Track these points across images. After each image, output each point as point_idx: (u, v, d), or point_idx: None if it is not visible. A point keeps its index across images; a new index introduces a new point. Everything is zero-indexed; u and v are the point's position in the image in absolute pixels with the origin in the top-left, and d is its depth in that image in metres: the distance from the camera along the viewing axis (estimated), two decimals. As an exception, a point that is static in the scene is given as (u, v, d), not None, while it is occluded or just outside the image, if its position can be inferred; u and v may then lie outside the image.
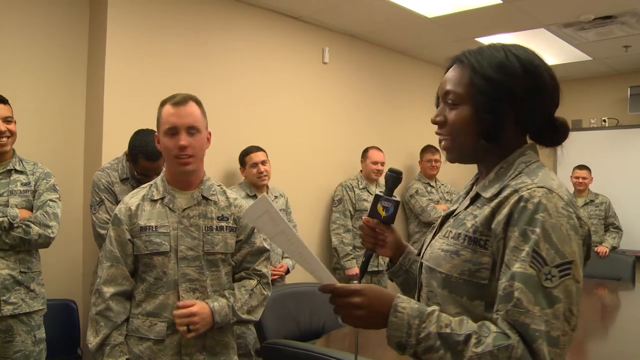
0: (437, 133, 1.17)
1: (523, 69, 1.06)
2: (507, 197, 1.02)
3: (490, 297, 1.00)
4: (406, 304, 1.00)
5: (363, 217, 1.35)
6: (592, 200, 4.98)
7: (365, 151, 4.35)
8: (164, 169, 1.92)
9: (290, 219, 3.67)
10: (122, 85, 3.12)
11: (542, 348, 0.90)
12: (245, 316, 1.86)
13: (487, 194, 1.07)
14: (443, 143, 1.15)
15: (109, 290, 1.75)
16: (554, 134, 1.11)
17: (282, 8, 3.93)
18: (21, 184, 2.44)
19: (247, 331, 3.19)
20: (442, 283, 1.08)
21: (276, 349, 2.02)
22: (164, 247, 1.78)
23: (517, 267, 0.95)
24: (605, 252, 4.69)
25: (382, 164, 4.27)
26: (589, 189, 5.02)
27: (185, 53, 3.44)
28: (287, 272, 3.53)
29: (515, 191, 1.01)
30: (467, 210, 1.11)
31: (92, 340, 1.73)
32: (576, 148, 5.82)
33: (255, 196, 3.46)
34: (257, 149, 3.50)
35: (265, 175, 3.45)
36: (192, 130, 1.78)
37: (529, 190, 0.99)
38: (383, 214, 1.31)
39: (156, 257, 1.77)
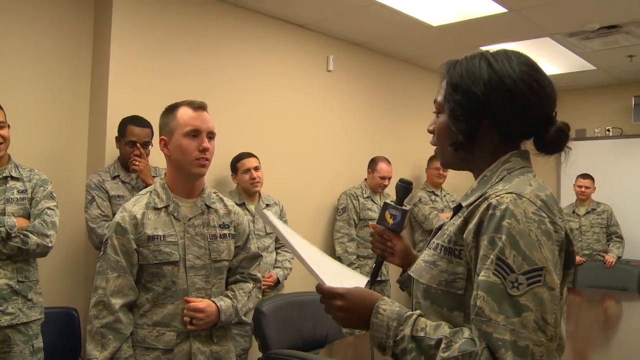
0: (430, 142, 1.20)
1: (495, 76, 1.04)
2: (478, 205, 1.01)
3: (469, 308, 0.99)
4: (387, 306, 1.04)
5: (371, 224, 1.38)
6: (593, 209, 4.97)
7: (374, 162, 4.27)
8: (164, 176, 1.90)
9: None
10: (126, 89, 3.11)
11: (505, 358, 0.88)
12: (243, 317, 1.90)
13: (466, 203, 1.07)
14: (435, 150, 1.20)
15: (117, 302, 1.71)
16: (551, 140, 1.07)
17: (286, 15, 3.93)
18: (18, 192, 2.41)
19: (235, 343, 3.15)
20: (423, 294, 1.09)
21: (279, 359, 2.00)
22: (174, 256, 1.77)
23: (481, 276, 0.94)
24: (612, 262, 4.65)
25: (389, 179, 4.23)
26: (591, 198, 4.99)
27: (190, 59, 3.43)
28: (277, 282, 3.39)
29: (485, 199, 1.00)
30: (451, 220, 1.12)
31: (97, 354, 1.67)
32: (580, 157, 5.66)
33: (244, 204, 3.38)
34: (250, 155, 3.43)
35: (257, 182, 3.37)
36: (210, 135, 1.83)
37: (497, 197, 0.98)
38: (390, 221, 1.34)
39: (165, 266, 1.76)
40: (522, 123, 1.07)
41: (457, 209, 1.12)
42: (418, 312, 1.04)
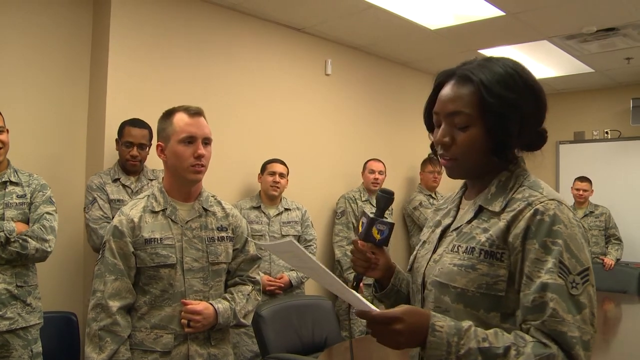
0: (440, 155, 1.15)
1: (525, 84, 1.09)
2: (521, 211, 1.04)
3: (506, 308, 1.03)
4: (442, 322, 0.99)
5: (356, 241, 1.26)
6: (591, 212, 4.96)
7: (365, 163, 4.37)
8: (162, 180, 1.91)
9: (306, 232, 3.63)
10: (125, 94, 3.12)
11: (580, 353, 0.95)
12: (242, 320, 1.90)
13: (495, 208, 1.09)
14: (446, 162, 1.14)
15: (114, 305, 1.72)
16: (539, 141, 1.15)
17: (285, 20, 3.94)
18: (17, 196, 2.40)
19: (240, 341, 3.16)
20: (456, 298, 1.08)
21: (278, 363, 2.00)
22: (171, 259, 1.78)
23: (547, 279, 0.98)
24: (611, 264, 4.65)
25: (381, 172, 4.28)
26: (589, 201, 5.00)
27: (188, 63, 3.44)
28: (290, 285, 3.39)
29: (529, 205, 1.04)
30: (472, 223, 1.12)
31: (95, 357, 1.68)
32: (578, 160, 5.81)
33: (260, 207, 3.48)
34: (280, 161, 3.59)
35: (277, 187, 3.50)
36: (206, 141, 1.83)
37: (542, 203, 1.03)
38: (378, 237, 1.25)
39: (163, 269, 1.77)
40: (539, 124, 1.12)
41: (478, 211, 1.12)
42: (471, 322, 1.01)
